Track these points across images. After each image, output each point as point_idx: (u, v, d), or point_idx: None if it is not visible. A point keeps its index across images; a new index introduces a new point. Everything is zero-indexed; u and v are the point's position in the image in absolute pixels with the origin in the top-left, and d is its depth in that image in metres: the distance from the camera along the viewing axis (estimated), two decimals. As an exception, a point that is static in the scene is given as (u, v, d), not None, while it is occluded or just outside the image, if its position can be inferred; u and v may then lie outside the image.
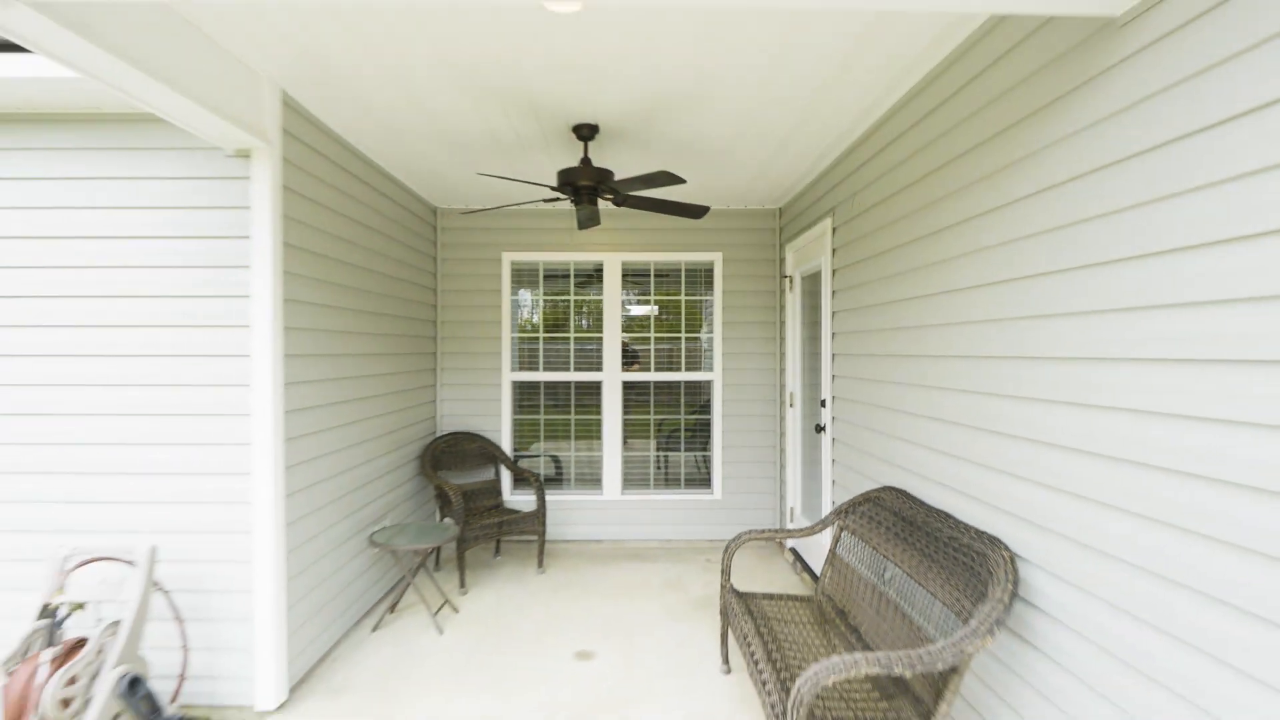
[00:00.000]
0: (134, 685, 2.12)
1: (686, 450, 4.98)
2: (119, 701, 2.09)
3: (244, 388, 2.54)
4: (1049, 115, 1.78)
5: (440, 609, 3.61)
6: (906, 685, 2.09)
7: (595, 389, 4.88)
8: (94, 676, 2.10)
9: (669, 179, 2.71)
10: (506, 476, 4.78)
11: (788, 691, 2.01)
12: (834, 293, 3.53)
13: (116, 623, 2.19)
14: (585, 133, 3.13)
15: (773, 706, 1.96)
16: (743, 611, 2.60)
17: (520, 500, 4.78)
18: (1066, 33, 1.71)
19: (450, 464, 4.45)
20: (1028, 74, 1.87)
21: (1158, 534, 1.44)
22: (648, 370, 4.91)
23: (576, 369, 4.88)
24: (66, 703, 2.02)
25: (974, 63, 2.13)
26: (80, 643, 2.16)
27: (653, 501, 4.82)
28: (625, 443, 4.91)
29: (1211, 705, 1.31)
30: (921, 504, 2.42)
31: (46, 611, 2.22)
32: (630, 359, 4.91)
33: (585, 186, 3.10)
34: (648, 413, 4.93)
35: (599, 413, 4.87)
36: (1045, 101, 1.79)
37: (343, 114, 2.92)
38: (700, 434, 4.97)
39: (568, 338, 4.90)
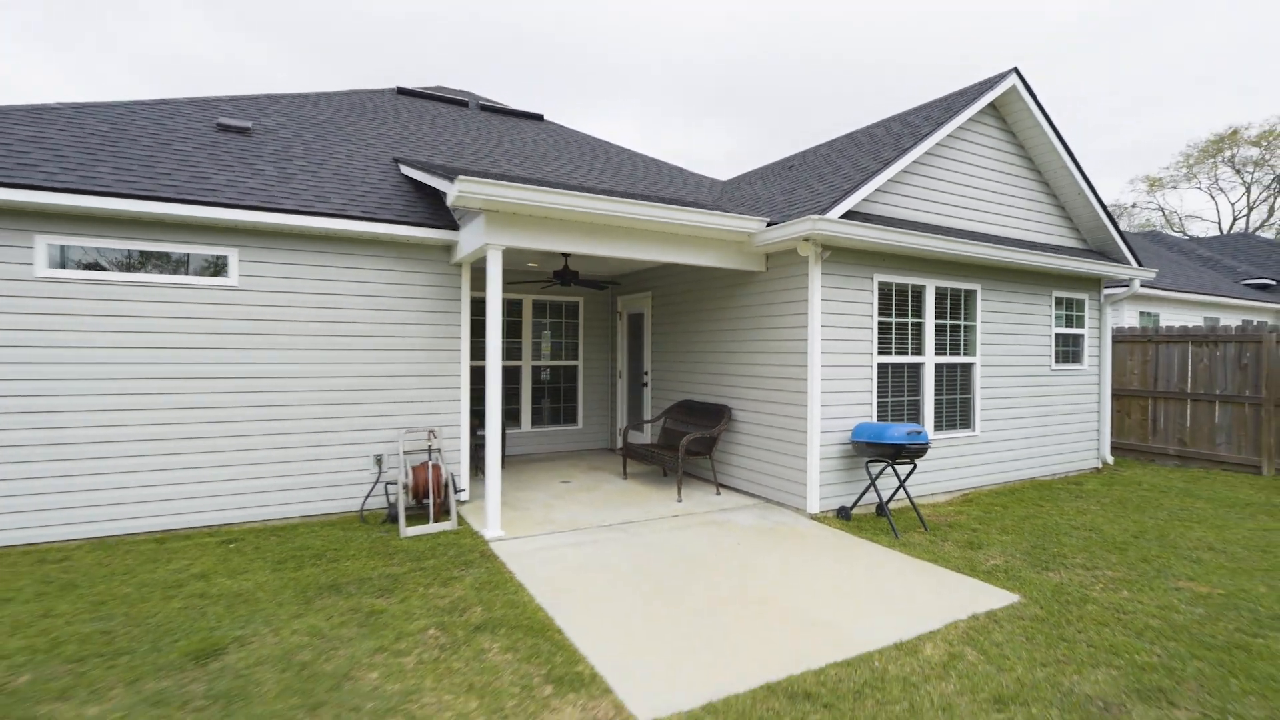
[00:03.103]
0: (453, 479, 5.51)
1: (565, 403, 9.09)
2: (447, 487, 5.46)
3: (459, 371, 5.92)
4: (736, 288, 6.68)
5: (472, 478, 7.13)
6: (698, 450, 6.78)
7: (517, 371, 8.64)
8: (441, 471, 5.43)
9: (610, 282, 7.00)
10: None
11: (673, 452, 6.52)
12: (653, 324, 8.19)
13: (439, 454, 5.51)
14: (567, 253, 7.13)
15: (667, 461, 6.45)
16: (636, 446, 7.01)
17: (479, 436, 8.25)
18: (741, 270, 6.62)
19: (444, 413, 7.72)
20: (727, 272, 6.77)
21: (771, 397, 6.41)
22: (544, 360, 8.86)
23: (506, 359, 8.56)
24: (446, 483, 5.36)
25: (705, 269, 6.98)
26: (436, 464, 5.42)
27: (548, 430, 8.82)
28: (533, 400, 8.78)
29: (771, 450, 6.30)
30: (697, 401, 7.20)
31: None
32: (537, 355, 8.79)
33: (566, 278, 7.12)
34: (544, 383, 8.89)
35: (520, 384, 8.65)
36: (735, 283, 6.70)
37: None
38: (571, 395, 9.12)
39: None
